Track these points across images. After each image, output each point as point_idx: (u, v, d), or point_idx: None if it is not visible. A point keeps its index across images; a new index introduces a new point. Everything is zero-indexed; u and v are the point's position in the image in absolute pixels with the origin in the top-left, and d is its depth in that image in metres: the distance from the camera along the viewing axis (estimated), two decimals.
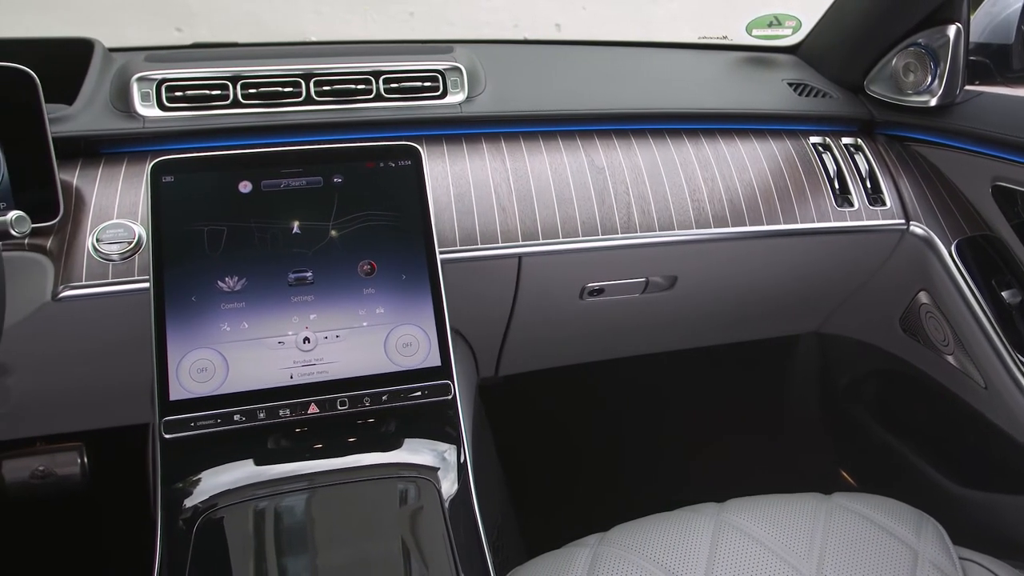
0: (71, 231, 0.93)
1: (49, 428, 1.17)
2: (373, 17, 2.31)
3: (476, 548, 0.89)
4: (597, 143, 1.16)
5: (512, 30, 2.50)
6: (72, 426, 1.16)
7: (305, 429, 0.89)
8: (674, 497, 1.17)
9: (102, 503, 1.44)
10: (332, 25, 2.25)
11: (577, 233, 1.08)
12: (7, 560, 1.42)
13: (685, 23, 2.84)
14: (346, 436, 0.90)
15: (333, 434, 0.90)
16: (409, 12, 2.37)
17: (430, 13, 2.40)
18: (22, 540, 1.44)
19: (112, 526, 1.44)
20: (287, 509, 0.86)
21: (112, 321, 0.95)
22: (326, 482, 0.88)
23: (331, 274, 0.93)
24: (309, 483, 0.88)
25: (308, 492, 0.88)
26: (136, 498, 1.32)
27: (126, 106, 1.02)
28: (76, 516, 1.46)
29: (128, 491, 1.32)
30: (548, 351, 1.33)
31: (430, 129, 1.10)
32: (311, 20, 2.26)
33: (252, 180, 0.94)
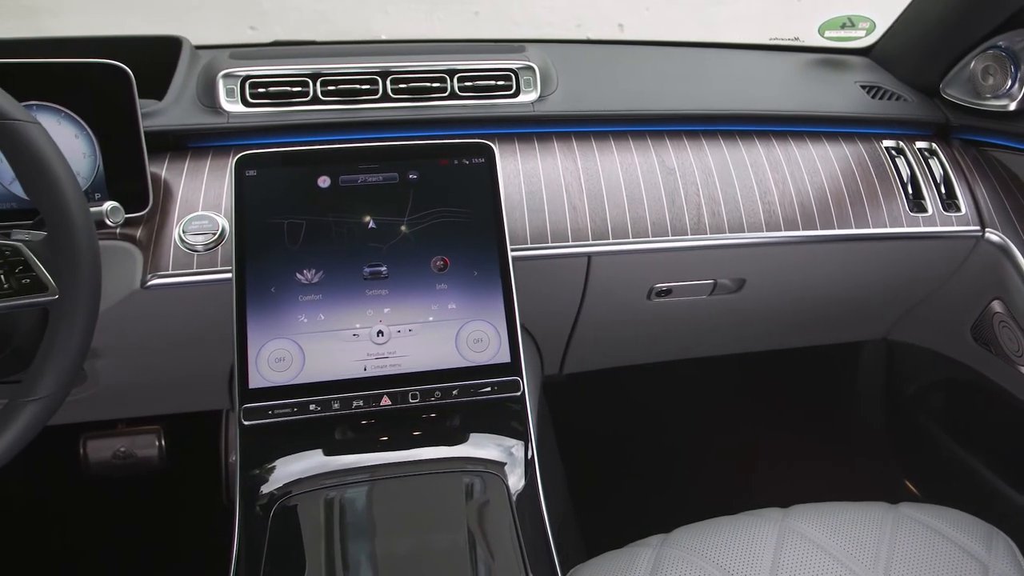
0: (159, 222, 0.96)
1: (130, 411, 1.21)
2: (439, 16, 2.32)
3: (542, 544, 0.89)
4: (668, 144, 1.15)
5: (575, 30, 2.50)
6: (151, 410, 1.19)
7: (374, 421, 0.91)
8: (736, 501, 1.15)
9: (177, 484, 1.48)
10: (398, 24, 2.28)
11: (647, 233, 1.07)
12: (87, 536, 1.47)
13: (748, 24, 2.80)
14: (414, 429, 0.91)
15: (402, 427, 0.91)
16: (474, 11, 2.38)
17: (495, 12, 2.41)
18: (101, 518, 1.49)
19: (186, 507, 1.48)
20: (357, 499, 0.87)
21: (194, 310, 0.97)
22: (394, 474, 0.90)
23: (405, 269, 0.94)
24: (378, 474, 0.89)
25: (377, 483, 0.89)
26: (208, 481, 1.36)
27: (212, 102, 1.04)
28: (152, 496, 1.50)
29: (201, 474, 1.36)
30: (613, 351, 1.32)
31: (502, 127, 1.11)
32: (378, 19, 2.29)
33: (331, 175, 0.95)
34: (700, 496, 1.60)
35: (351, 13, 2.27)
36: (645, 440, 1.74)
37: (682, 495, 1.61)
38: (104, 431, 1.30)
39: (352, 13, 2.27)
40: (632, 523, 1.16)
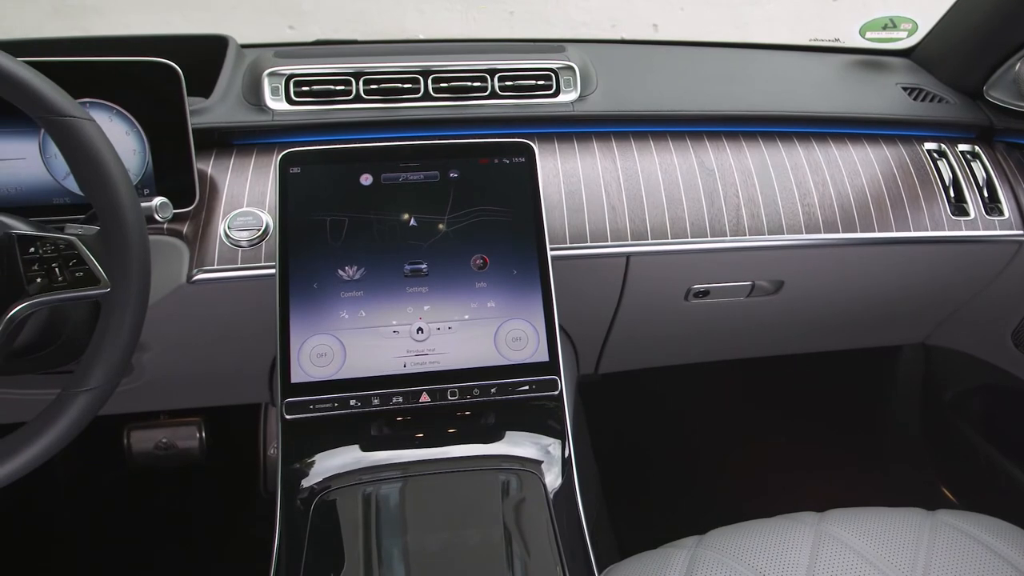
0: (205, 218, 0.97)
1: (172, 403, 1.22)
2: (473, 16, 2.33)
3: (579, 542, 0.89)
4: (707, 145, 1.14)
5: (610, 30, 2.49)
6: (192, 402, 1.21)
7: (411, 418, 0.91)
8: (770, 504, 1.15)
9: (215, 475, 1.50)
10: (433, 23, 2.29)
11: (686, 234, 1.06)
12: (128, 524, 1.49)
13: (782, 24, 2.78)
14: (452, 426, 0.92)
15: (439, 424, 0.92)
16: (509, 11, 2.38)
17: (529, 12, 2.41)
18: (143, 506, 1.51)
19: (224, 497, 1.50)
20: (395, 494, 0.88)
21: (238, 305, 0.98)
22: (431, 470, 0.90)
23: (445, 267, 0.94)
24: (416, 471, 0.90)
25: (414, 479, 0.89)
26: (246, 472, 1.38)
27: (257, 99, 1.05)
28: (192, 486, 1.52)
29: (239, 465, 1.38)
30: (649, 351, 1.32)
31: (542, 127, 1.11)
32: (414, 18, 2.30)
33: (373, 173, 0.96)
34: (734, 498, 1.59)
35: (386, 13, 2.28)
36: (678, 441, 1.73)
37: (715, 497, 1.60)
38: (147, 422, 1.33)
39: (387, 13, 2.28)
40: (665, 524, 1.16)
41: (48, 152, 0.92)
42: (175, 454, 1.31)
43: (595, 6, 2.56)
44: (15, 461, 0.72)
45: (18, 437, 0.73)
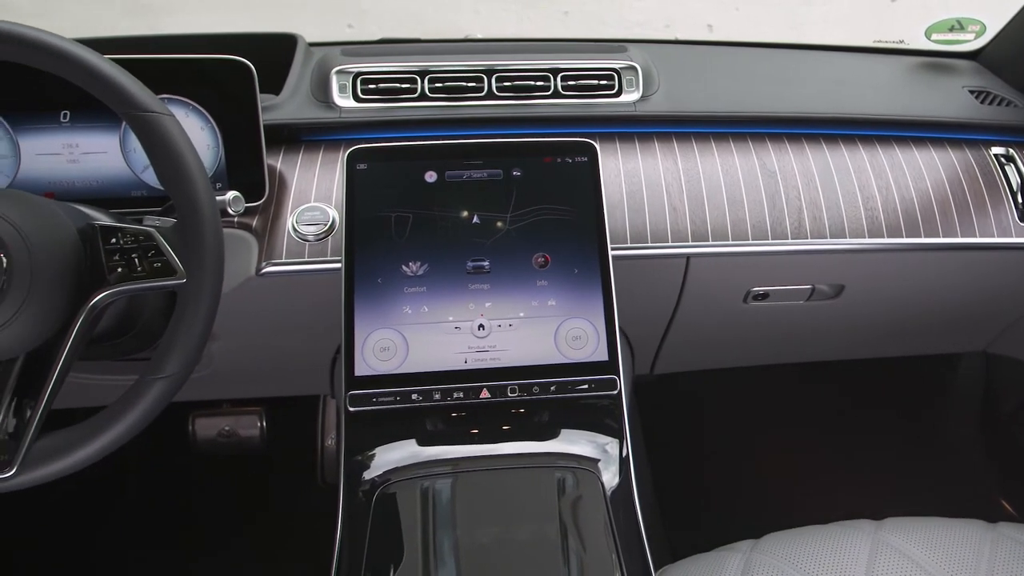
0: (274, 212, 0.99)
1: (235, 392, 1.24)
2: (529, 16, 2.33)
3: (635, 541, 0.89)
4: (769, 146, 1.13)
5: (664, 30, 2.47)
6: (254, 392, 1.23)
7: (468, 414, 0.92)
8: (824, 510, 1.13)
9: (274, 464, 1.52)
10: (489, 23, 2.29)
11: (747, 236, 1.05)
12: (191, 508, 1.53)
13: (837, 25, 2.73)
14: (509, 423, 0.92)
15: (496, 421, 0.92)
16: (563, 11, 2.38)
17: (583, 12, 2.41)
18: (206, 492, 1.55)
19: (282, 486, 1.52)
20: (453, 489, 0.88)
21: (303, 298, 1.00)
22: (490, 466, 0.90)
23: (507, 264, 0.95)
24: (475, 466, 0.90)
25: (473, 474, 0.90)
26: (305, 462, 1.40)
27: (325, 97, 1.07)
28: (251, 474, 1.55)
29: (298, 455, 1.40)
30: (706, 353, 1.31)
31: (604, 127, 1.10)
32: (469, 18, 2.31)
33: (437, 170, 0.97)
34: (787, 503, 1.57)
35: (442, 13, 2.30)
36: (732, 444, 1.71)
37: (769, 501, 1.58)
38: (211, 410, 1.35)
39: (444, 13, 2.29)
40: (718, 527, 1.15)
41: (128, 146, 0.95)
42: (236, 442, 1.34)
43: (649, 6, 2.54)
44: (96, 443, 0.74)
45: (98, 420, 0.75)
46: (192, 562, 1.40)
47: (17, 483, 0.73)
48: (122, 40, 1.12)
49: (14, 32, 0.72)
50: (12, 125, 0.93)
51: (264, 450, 1.38)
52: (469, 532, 0.85)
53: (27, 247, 0.72)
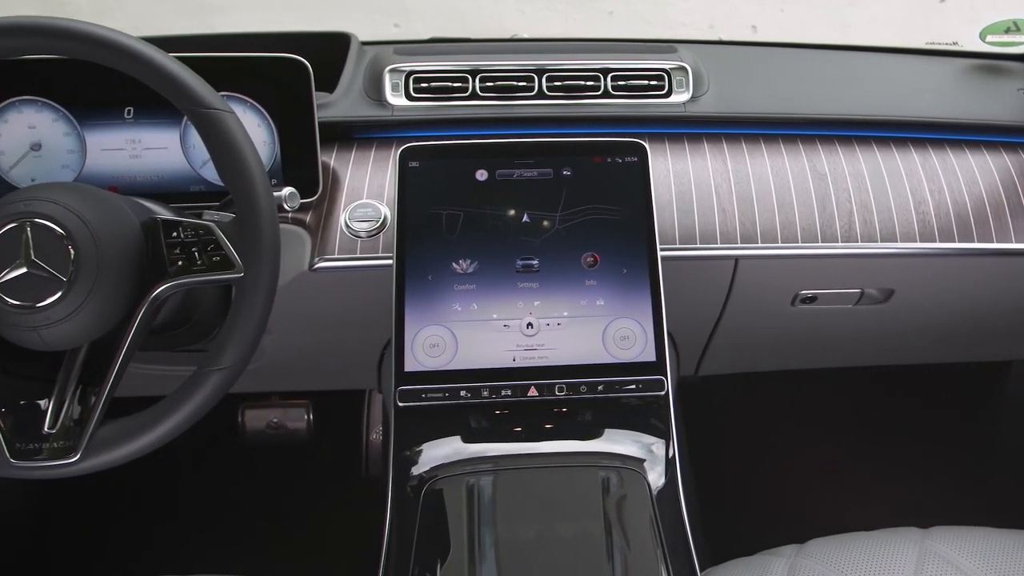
0: (327, 208, 1.00)
1: (284, 385, 1.26)
2: (573, 16, 2.32)
3: (681, 542, 0.88)
4: (819, 148, 1.11)
5: (708, 31, 2.45)
6: (302, 385, 1.24)
7: (513, 412, 0.92)
8: (869, 516, 1.11)
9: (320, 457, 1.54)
10: (533, 23, 2.29)
11: (796, 239, 1.04)
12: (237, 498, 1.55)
13: (884, 26, 2.68)
14: (554, 422, 0.92)
15: (541, 419, 0.92)
16: (608, 11, 2.37)
17: (628, 12, 2.39)
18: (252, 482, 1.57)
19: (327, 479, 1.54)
20: (499, 487, 0.89)
21: (354, 293, 1.01)
22: (536, 464, 0.91)
23: (556, 263, 0.95)
24: (520, 464, 0.91)
25: (518, 472, 0.90)
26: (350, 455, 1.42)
27: (378, 95, 1.08)
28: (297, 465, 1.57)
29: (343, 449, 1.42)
30: (752, 355, 1.30)
31: (654, 127, 1.10)
32: (513, 18, 2.31)
33: (488, 169, 0.97)
34: (831, 508, 1.54)
35: (487, 12, 2.30)
36: (776, 447, 1.70)
37: (812, 506, 1.56)
38: (260, 402, 1.38)
39: (488, 12, 2.29)
40: (760, 531, 1.14)
41: (188, 142, 0.97)
42: (284, 434, 1.36)
43: (694, 7, 2.52)
44: (155, 432, 0.76)
45: (158, 410, 0.77)
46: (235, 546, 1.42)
47: (80, 468, 0.75)
48: (180, 39, 1.14)
49: (87, 31, 0.74)
50: (79, 121, 0.95)
51: (310, 442, 1.39)
52: (515, 529, 0.85)
53: (94, 240, 0.73)
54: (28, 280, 0.72)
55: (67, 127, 0.95)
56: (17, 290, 0.72)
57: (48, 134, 0.95)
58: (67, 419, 0.76)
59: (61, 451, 0.74)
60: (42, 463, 0.74)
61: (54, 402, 0.76)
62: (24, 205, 0.73)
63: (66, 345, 0.76)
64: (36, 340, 0.74)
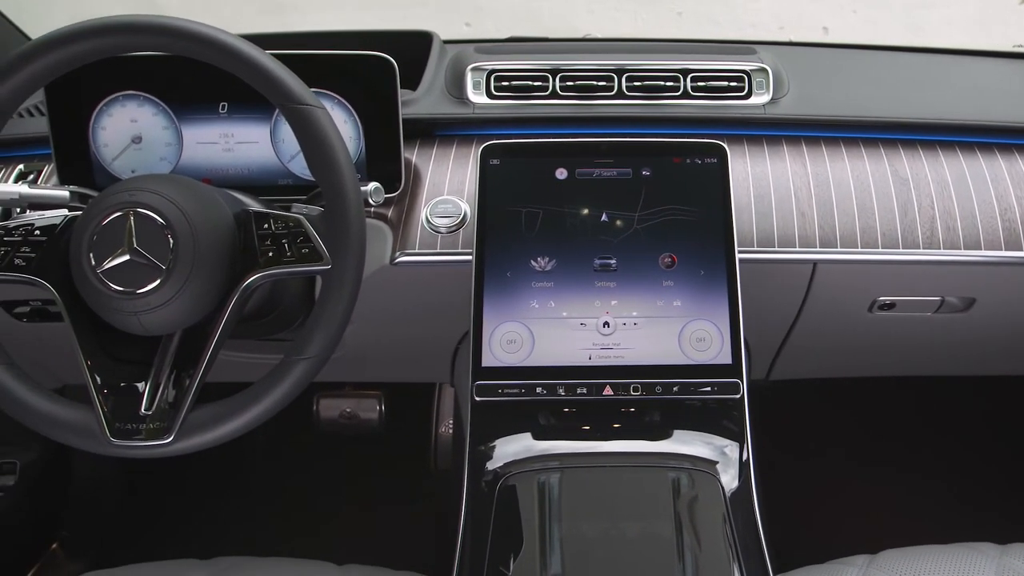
0: (408, 204, 1.01)
1: (358, 376, 1.27)
2: (642, 16, 2.30)
3: (754, 546, 0.87)
4: (901, 153, 1.08)
5: (778, 32, 2.40)
6: (376, 377, 1.26)
7: (590, 410, 0.91)
8: (942, 529, 1.08)
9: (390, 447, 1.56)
10: (602, 22, 2.28)
11: (876, 244, 1.01)
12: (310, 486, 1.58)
13: (956, 28, 2.60)
14: (626, 421, 0.92)
15: (614, 418, 0.92)
16: (677, 12, 2.34)
17: (696, 12, 2.36)
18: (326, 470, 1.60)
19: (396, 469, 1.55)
20: (572, 484, 0.88)
21: (432, 288, 1.02)
22: (609, 463, 0.90)
23: (634, 263, 0.94)
24: (593, 462, 0.90)
25: (590, 470, 0.90)
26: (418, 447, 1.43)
27: (460, 93, 1.08)
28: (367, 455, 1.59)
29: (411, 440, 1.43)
30: (825, 361, 1.27)
31: (733, 129, 1.08)
32: (583, 18, 2.30)
33: (568, 168, 0.97)
34: (903, 519, 1.50)
35: (557, 11, 2.29)
36: (848, 455, 1.66)
37: (882, 517, 1.52)
38: (334, 392, 1.40)
39: (558, 11, 2.29)
40: (830, 538, 1.12)
41: (277, 136, 0.98)
42: (356, 424, 1.38)
43: (764, 7, 2.48)
44: (243, 417, 0.78)
45: (246, 396, 0.78)
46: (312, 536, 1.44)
47: (172, 450, 0.77)
48: (267, 37, 1.16)
49: (193, 29, 0.76)
50: (177, 116, 0.97)
51: (381, 433, 1.41)
52: (587, 527, 0.85)
53: (192, 230, 0.75)
54: (130, 267, 0.74)
55: (166, 121, 0.97)
56: (120, 276, 0.74)
57: (148, 128, 0.97)
58: (162, 402, 0.78)
59: (156, 432, 0.76)
60: (139, 443, 0.76)
61: (150, 385, 0.78)
62: (128, 195, 0.75)
63: (163, 330, 0.78)
64: (136, 325, 0.76)
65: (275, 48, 0.81)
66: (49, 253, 0.78)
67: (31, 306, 1.04)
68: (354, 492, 1.55)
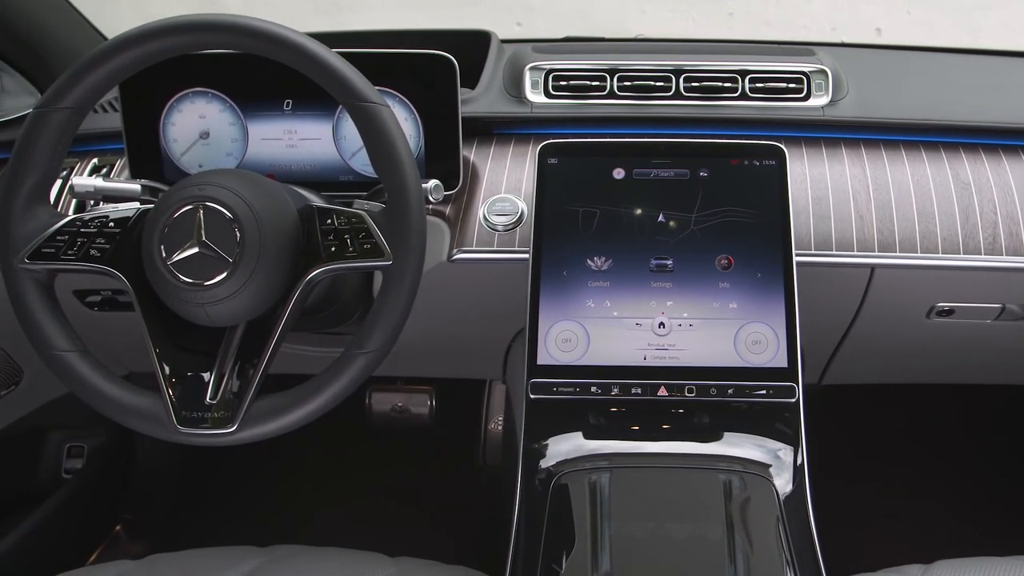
0: (466, 201, 1.01)
1: (410, 371, 1.28)
2: (693, 16, 2.28)
3: (808, 552, 0.85)
4: (963, 157, 1.05)
5: (830, 33, 2.36)
6: (428, 372, 1.26)
7: (643, 411, 0.90)
8: (999, 541, 1.05)
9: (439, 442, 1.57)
10: (654, 23, 2.26)
11: (936, 249, 0.98)
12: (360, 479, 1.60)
13: (1018, 32, 2.52)
14: (680, 423, 0.90)
15: (666, 420, 0.91)
16: (728, 12, 2.31)
17: (748, 13, 2.33)
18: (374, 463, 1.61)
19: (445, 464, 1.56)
20: (625, 485, 0.88)
21: (488, 285, 1.01)
22: (661, 464, 0.89)
23: (690, 264, 0.93)
24: (646, 463, 0.89)
25: (641, 471, 0.89)
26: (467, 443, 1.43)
27: (518, 92, 1.08)
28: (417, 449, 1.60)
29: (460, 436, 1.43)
30: (879, 366, 1.24)
31: (791, 131, 1.06)
32: (635, 18, 2.28)
33: (625, 168, 0.96)
34: (959, 530, 1.46)
35: (608, 12, 2.28)
36: (901, 462, 1.62)
37: (938, 526, 1.48)
38: (386, 386, 1.41)
39: (609, 11, 2.27)
40: (882, 547, 1.09)
41: (339, 134, 0.99)
42: (407, 418, 1.39)
43: (816, 8, 2.44)
44: (304, 409, 0.78)
45: (307, 388, 0.79)
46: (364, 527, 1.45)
47: (236, 438, 0.78)
48: (328, 35, 1.17)
49: (261, 28, 0.77)
50: (243, 112, 0.99)
51: (431, 428, 1.41)
52: (639, 527, 0.84)
53: (258, 224, 0.76)
54: (199, 259, 0.75)
55: (232, 117, 0.99)
56: (189, 268, 0.75)
57: (216, 124, 0.99)
58: (227, 391, 0.79)
59: (221, 421, 0.77)
60: (204, 431, 0.77)
61: (215, 375, 0.79)
62: (198, 190, 0.76)
63: (228, 322, 0.79)
64: (202, 316, 0.77)
65: (336, 47, 0.81)
66: (122, 245, 0.80)
67: (102, 295, 1.06)
68: (404, 485, 1.56)
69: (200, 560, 0.93)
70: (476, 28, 1.20)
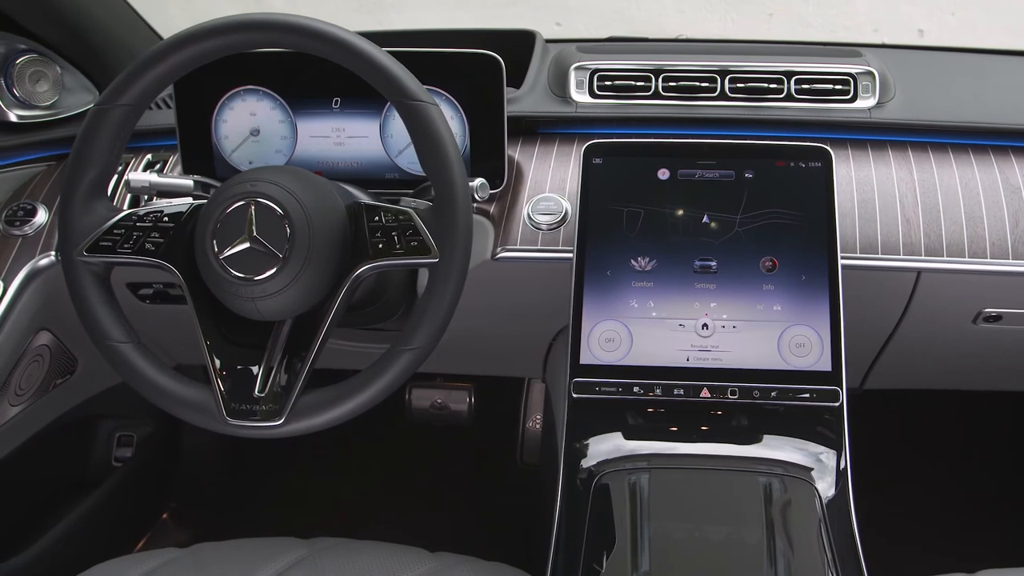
0: (510, 200, 1.00)
1: (451, 368, 1.28)
2: (732, 17, 2.25)
3: (851, 556, 0.83)
4: (1013, 160, 1.03)
5: (872, 34, 2.32)
6: (468, 369, 1.26)
7: (677, 411, 0.89)
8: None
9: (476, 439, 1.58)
10: (692, 23, 2.23)
11: (984, 254, 0.96)
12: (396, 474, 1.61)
13: None
14: (723, 424, 0.89)
15: (708, 421, 0.89)
16: (768, 13, 2.28)
17: (788, 13, 2.30)
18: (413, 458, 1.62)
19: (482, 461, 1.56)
20: (667, 486, 0.87)
21: (531, 284, 1.01)
22: (703, 466, 0.88)
23: (734, 266, 0.92)
24: (687, 464, 0.88)
25: (683, 472, 0.88)
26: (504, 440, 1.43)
27: (563, 91, 1.07)
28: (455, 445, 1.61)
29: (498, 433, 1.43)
30: (922, 372, 1.21)
31: (837, 132, 1.04)
32: (673, 18, 2.26)
33: (670, 168, 0.95)
34: (1004, 540, 1.42)
35: (646, 11, 2.26)
36: (944, 469, 1.58)
37: (983, 535, 1.44)
38: (426, 382, 1.41)
39: (648, 11, 2.25)
40: (925, 554, 1.07)
41: (387, 132, 0.99)
42: (447, 415, 1.39)
43: (857, 8, 2.39)
44: (350, 403, 0.79)
45: (353, 383, 0.79)
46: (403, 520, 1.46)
47: (284, 431, 0.78)
48: (374, 35, 1.17)
49: (313, 27, 0.77)
50: (293, 110, 0.99)
51: (470, 425, 1.41)
52: (679, 528, 0.83)
53: (308, 220, 0.76)
54: (250, 254, 0.76)
55: (282, 115, 0.99)
56: (240, 263, 0.76)
57: (266, 121, 1.00)
58: (275, 385, 0.79)
59: (269, 414, 0.78)
60: (253, 423, 0.78)
61: (263, 369, 0.80)
62: (250, 186, 0.77)
63: (277, 316, 0.80)
64: (252, 310, 0.77)
65: (383, 46, 0.81)
66: (176, 239, 0.81)
67: (154, 289, 1.08)
68: (443, 481, 1.56)
69: (245, 550, 0.94)
70: (521, 28, 1.19)
